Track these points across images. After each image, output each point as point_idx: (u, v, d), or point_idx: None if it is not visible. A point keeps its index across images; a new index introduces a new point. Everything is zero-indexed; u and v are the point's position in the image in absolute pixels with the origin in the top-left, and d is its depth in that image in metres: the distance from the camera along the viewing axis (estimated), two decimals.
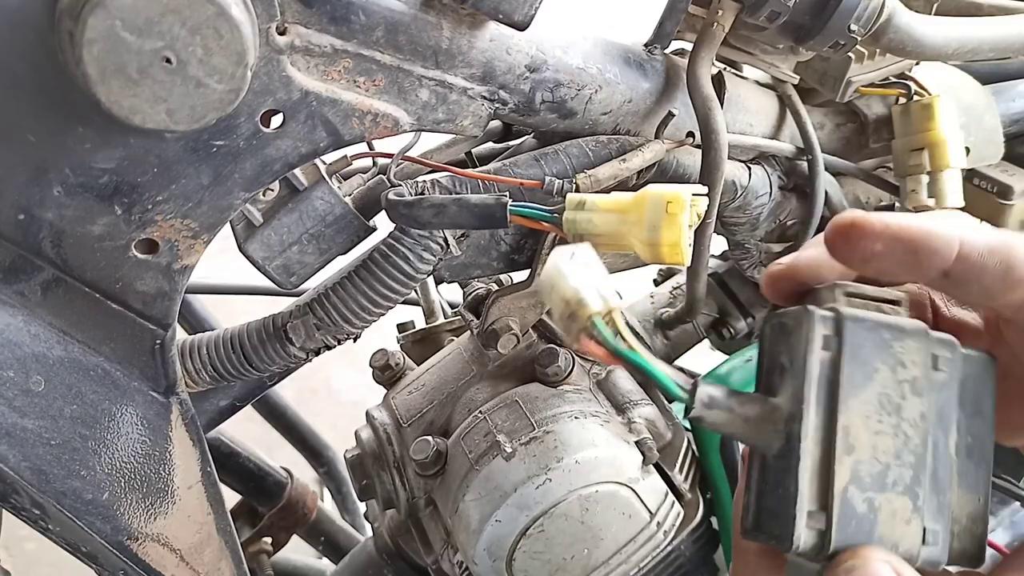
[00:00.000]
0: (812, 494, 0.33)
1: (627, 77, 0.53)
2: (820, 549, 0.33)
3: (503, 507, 0.53)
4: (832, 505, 0.33)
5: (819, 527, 0.33)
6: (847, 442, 0.33)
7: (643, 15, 0.65)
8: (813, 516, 0.33)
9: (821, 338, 0.34)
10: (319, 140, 0.44)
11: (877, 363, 0.34)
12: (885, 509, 0.33)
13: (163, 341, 0.48)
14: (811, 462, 0.33)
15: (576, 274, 0.34)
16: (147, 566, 0.50)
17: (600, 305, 0.33)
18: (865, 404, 0.34)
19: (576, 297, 0.33)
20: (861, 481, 0.33)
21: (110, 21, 0.34)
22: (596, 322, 0.33)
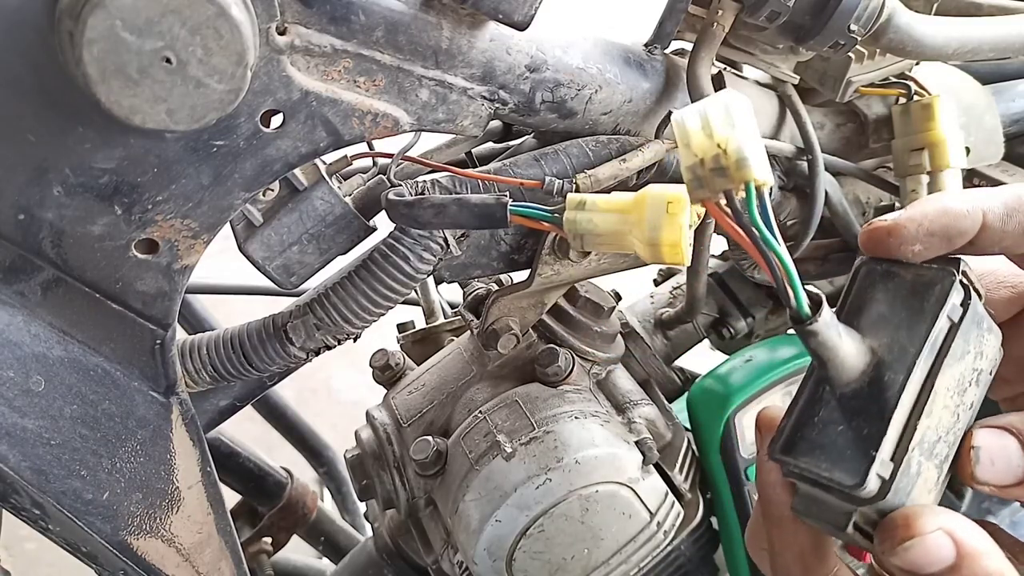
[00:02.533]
0: (892, 443, 0.34)
1: (627, 77, 0.53)
2: (873, 497, 0.34)
3: (503, 507, 0.53)
4: (901, 459, 0.34)
5: (884, 476, 0.33)
6: (929, 408, 0.35)
7: (643, 15, 0.66)
8: (884, 464, 0.33)
9: (952, 305, 0.36)
10: (319, 140, 0.44)
11: (971, 346, 0.36)
12: (923, 476, 0.35)
13: (163, 341, 0.48)
14: (902, 414, 0.34)
15: (746, 126, 0.30)
16: (147, 566, 0.50)
17: (764, 174, 0.30)
18: (951, 379, 0.36)
19: (739, 153, 0.29)
20: (923, 445, 0.35)
21: (110, 21, 0.34)
22: (751, 189, 0.30)
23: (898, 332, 0.36)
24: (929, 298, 0.36)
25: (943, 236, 0.37)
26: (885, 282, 0.38)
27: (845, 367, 0.35)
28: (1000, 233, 0.37)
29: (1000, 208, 0.37)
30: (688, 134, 0.31)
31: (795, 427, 0.37)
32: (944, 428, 0.36)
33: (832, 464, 0.34)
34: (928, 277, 0.37)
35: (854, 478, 0.33)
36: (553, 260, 0.55)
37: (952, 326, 0.36)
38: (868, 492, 0.33)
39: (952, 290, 0.36)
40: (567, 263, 0.55)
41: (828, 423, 0.36)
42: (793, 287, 0.33)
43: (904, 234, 0.37)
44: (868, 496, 0.34)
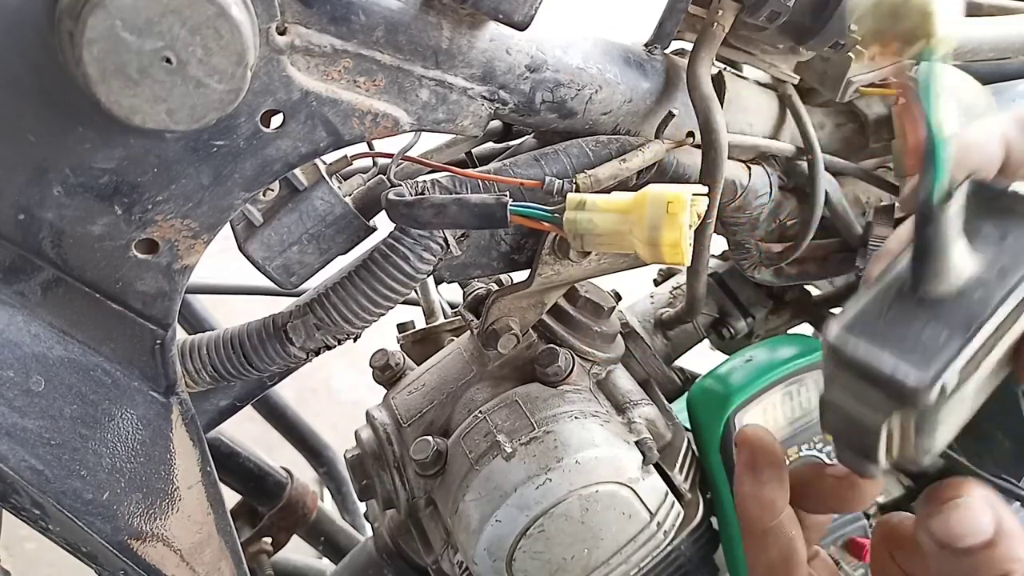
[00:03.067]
0: (967, 359, 0.31)
1: (627, 77, 0.53)
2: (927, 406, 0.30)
3: (503, 507, 0.53)
4: (965, 380, 0.31)
5: (948, 388, 0.31)
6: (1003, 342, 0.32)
7: (643, 15, 0.66)
8: (954, 375, 0.31)
9: None
10: (319, 140, 0.44)
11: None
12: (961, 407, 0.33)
13: (163, 341, 0.48)
14: (986, 334, 0.32)
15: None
16: (147, 566, 0.50)
17: (949, 40, 0.29)
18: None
19: (926, 8, 0.28)
20: (980, 376, 0.32)
21: (110, 21, 0.34)
22: (931, 51, 0.28)
23: (1001, 254, 0.33)
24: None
25: (970, 170, 0.35)
26: (996, 202, 0.35)
27: (946, 269, 0.32)
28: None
29: (1016, 128, 0.36)
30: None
31: (862, 313, 0.33)
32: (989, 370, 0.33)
33: (898, 359, 0.31)
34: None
35: (922, 378, 0.30)
36: (553, 260, 0.55)
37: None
38: (929, 398, 0.30)
39: None
40: (567, 263, 0.55)
41: (902, 317, 0.33)
42: (937, 163, 0.31)
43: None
44: (928, 402, 0.30)
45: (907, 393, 0.31)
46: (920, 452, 0.32)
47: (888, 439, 0.32)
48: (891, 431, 0.32)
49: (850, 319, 0.33)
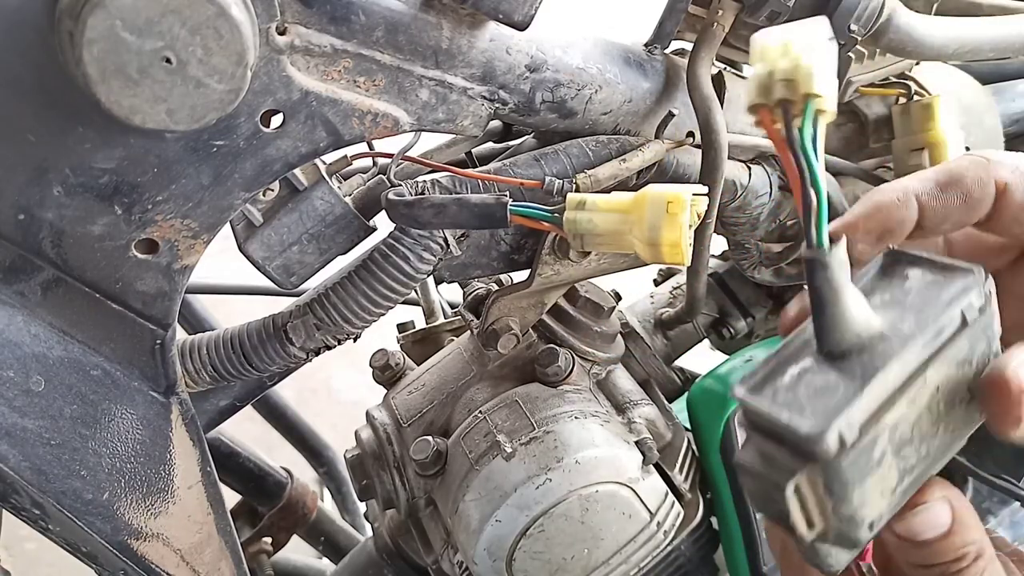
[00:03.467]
0: (865, 410, 0.32)
1: (627, 77, 0.53)
2: (828, 458, 0.31)
3: (503, 507, 0.53)
4: (867, 432, 0.32)
5: (847, 440, 0.31)
6: (911, 396, 0.33)
7: (643, 15, 0.65)
8: (850, 427, 0.31)
9: (968, 304, 0.34)
10: (319, 140, 0.44)
11: (974, 358, 0.35)
12: (882, 471, 0.33)
13: (163, 341, 0.48)
14: (885, 384, 0.32)
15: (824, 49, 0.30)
16: (147, 566, 0.50)
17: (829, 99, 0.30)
18: (944, 379, 0.34)
19: (810, 70, 0.30)
20: (894, 434, 0.33)
21: (110, 21, 0.34)
22: (810, 106, 0.30)
23: (907, 313, 0.34)
24: (949, 290, 0.35)
25: (884, 230, 0.37)
26: (908, 269, 0.37)
27: (842, 319, 0.33)
28: (942, 211, 0.38)
29: (932, 187, 0.38)
30: (765, 49, 0.31)
31: (768, 373, 0.34)
32: (920, 433, 0.34)
33: (795, 413, 0.32)
34: (954, 272, 0.35)
35: (814, 428, 0.31)
36: (553, 260, 0.55)
37: (963, 324, 0.34)
38: (824, 449, 0.31)
39: (973, 287, 0.34)
40: (567, 263, 0.55)
41: (804, 375, 0.34)
42: (820, 213, 0.32)
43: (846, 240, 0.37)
44: (824, 453, 0.31)
45: (801, 443, 0.31)
46: (840, 519, 0.33)
47: (803, 504, 0.33)
48: (803, 496, 0.32)
49: (758, 378, 0.34)
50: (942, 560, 0.36)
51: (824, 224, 0.32)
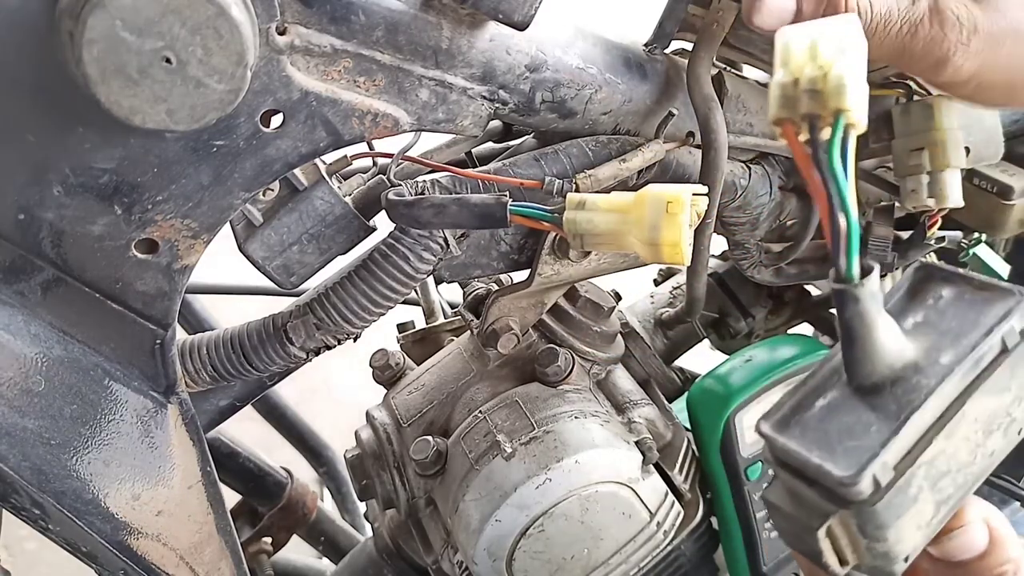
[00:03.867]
0: (900, 450, 0.30)
1: (627, 77, 0.53)
2: (862, 500, 0.29)
3: (503, 507, 0.53)
4: (903, 472, 0.30)
5: (881, 481, 0.29)
6: (951, 429, 0.31)
7: (643, 15, 0.65)
8: (885, 468, 0.29)
9: (1010, 328, 0.32)
10: (319, 140, 0.44)
11: (1014, 384, 0.33)
12: (919, 506, 0.31)
13: (163, 341, 0.48)
14: (921, 422, 0.30)
15: (856, 58, 0.27)
16: (147, 565, 0.50)
17: (860, 112, 0.27)
18: (983, 409, 0.32)
19: (840, 80, 0.27)
20: (931, 469, 0.31)
21: (110, 21, 0.34)
22: (841, 121, 0.27)
23: (942, 339, 0.32)
24: (987, 313, 0.32)
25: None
26: (942, 287, 0.34)
27: (874, 352, 0.31)
28: None
29: None
30: (790, 52, 0.28)
31: (795, 407, 0.32)
32: (957, 464, 0.32)
33: (826, 453, 0.30)
34: (992, 293, 0.33)
35: (847, 471, 0.29)
36: (553, 260, 0.55)
37: (1003, 351, 0.32)
38: (859, 492, 0.29)
39: (1016, 312, 0.32)
40: (567, 263, 0.55)
41: (834, 410, 0.32)
42: (850, 242, 0.29)
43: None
44: (858, 497, 0.29)
45: (834, 487, 0.30)
46: (875, 556, 0.31)
47: (835, 544, 0.31)
48: (835, 536, 0.31)
49: (783, 414, 0.32)
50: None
51: (855, 253, 0.29)
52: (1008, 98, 0.50)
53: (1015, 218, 0.70)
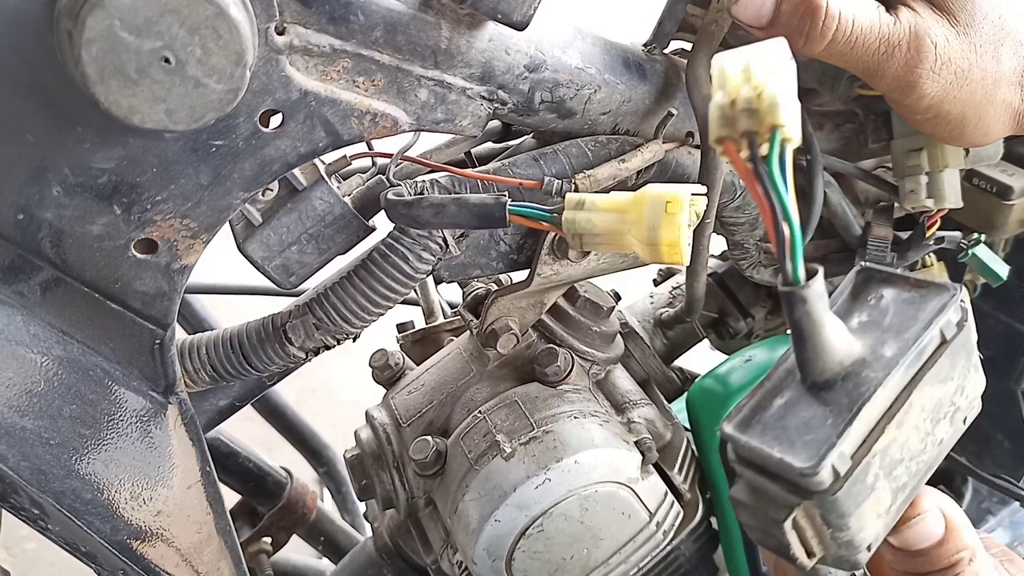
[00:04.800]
0: (855, 439, 0.32)
1: (626, 77, 0.53)
2: (823, 490, 0.31)
3: (502, 507, 0.53)
4: (860, 460, 0.32)
5: (840, 470, 0.31)
6: (901, 418, 0.33)
7: (643, 15, 0.65)
8: (842, 458, 0.32)
9: (947, 321, 0.34)
10: (318, 140, 0.44)
11: (955, 374, 0.35)
12: (876, 494, 0.33)
13: (162, 341, 0.48)
14: (873, 412, 0.33)
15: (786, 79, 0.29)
16: (146, 565, 0.50)
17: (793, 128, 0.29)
18: (929, 398, 0.34)
19: (773, 99, 0.29)
20: (885, 458, 0.33)
21: (109, 21, 0.34)
22: (777, 136, 0.29)
23: (886, 335, 0.35)
24: (925, 308, 0.35)
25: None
26: (882, 288, 0.37)
27: (824, 350, 0.33)
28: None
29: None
30: (726, 76, 0.30)
31: (755, 408, 0.35)
32: (909, 452, 0.34)
33: (786, 447, 0.32)
34: (928, 290, 0.36)
35: (807, 462, 0.31)
36: (552, 260, 0.55)
37: (943, 342, 0.35)
38: (820, 482, 0.31)
39: (950, 305, 0.35)
40: (566, 263, 0.55)
41: (791, 408, 0.34)
42: (794, 247, 0.31)
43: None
44: (819, 487, 0.31)
45: (795, 479, 0.31)
46: (840, 545, 0.33)
47: (801, 535, 0.33)
48: (801, 527, 0.33)
49: (743, 415, 0.34)
50: (937, 567, 0.37)
51: (799, 258, 0.32)
52: (956, 134, 0.51)
53: (1015, 218, 0.70)
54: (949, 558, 0.37)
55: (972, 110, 0.49)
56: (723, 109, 0.30)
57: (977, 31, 0.47)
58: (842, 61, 0.47)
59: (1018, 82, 0.50)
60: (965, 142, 0.53)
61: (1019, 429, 0.79)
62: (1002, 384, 0.78)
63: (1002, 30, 0.48)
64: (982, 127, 0.51)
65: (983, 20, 0.48)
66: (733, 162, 0.31)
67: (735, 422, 0.34)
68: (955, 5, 0.47)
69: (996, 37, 0.48)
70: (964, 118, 0.50)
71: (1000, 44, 0.48)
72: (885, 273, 0.37)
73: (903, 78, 0.47)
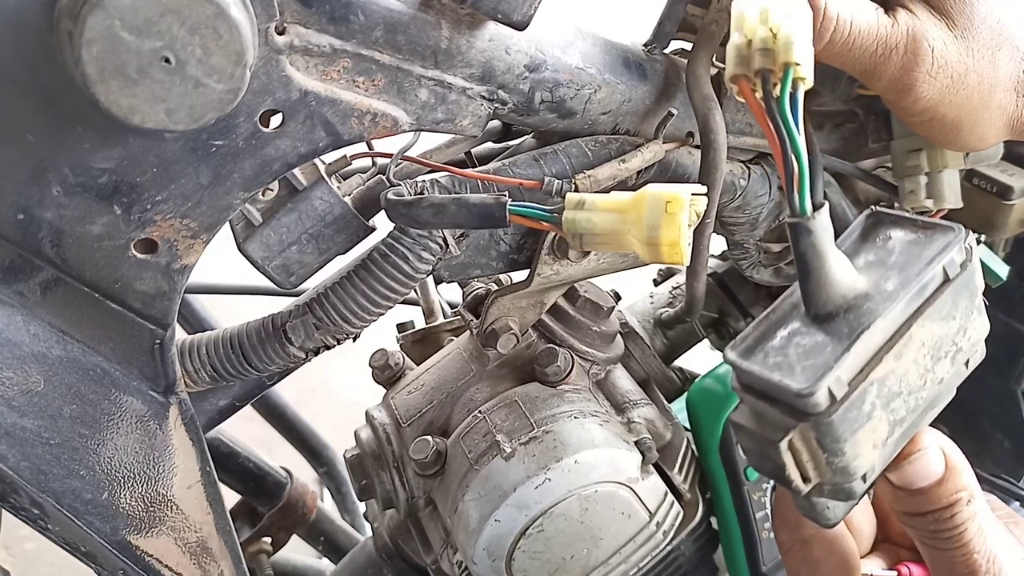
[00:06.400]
0: (853, 366, 0.33)
1: (626, 77, 0.53)
2: (819, 412, 0.32)
3: (502, 507, 0.53)
4: (856, 387, 0.33)
5: (836, 394, 0.32)
6: (900, 350, 0.34)
7: (643, 15, 0.65)
8: (839, 383, 0.32)
9: (950, 259, 0.35)
10: (318, 140, 0.44)
11: (958, 314, 0.36)
12: (873, 423, 0.34)
13: (162, 341, 0.48)
14: (872, 341, 0.33)
15: (802, 23, 0.30)
16: (146, 565, 0.50)
17: (807, 66, 0.30)
18: (929, 334, 0.35)
19: (788, 39, 0.30)
20: (882, 387, 0.34)
21: (109, 21, 0.34)
22: (789, 74, 0.30)
23: (890, 271, 0.35)
24: (930, 247, 0.36)
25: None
26: (891, 229, 0.38)
27: (827, 282, 0.34)
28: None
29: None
30: (743, 17, 0.31)
31: (759, 337, 0.36)
32: (908, 386, 0.35)
33: (785, 372, 0.33)
34: (935, 230, 0.36)
35: (804, 385, 0.32)
36: (552, 260, 0.55)
37: (945, 280, 0.35)
38: (815, 404, 0.32)
39: (954, 244, 0.35)
40: (566, 263, 0.55)
41: (793, 337, 0.35)
42: (802, 180, 0.32)
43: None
44: (814, 409, 0.32)
45: (793, 401, 0.32)
46: (835, 471, 0.34)
47: (797, 459, 0.34)
48: (797, 450, 0.34)
49: (748, 344, 0.35)
50: (937, 507, 0.38)
51: (807, 190, 0.33)
52: (951, 138, 0.52)
53: (1015, 218, 0.70)
54: (948, 497, 0.37)
55: (967, 114, 0.50)
56: (739, 49, 0.31)
57: (975, 35, 0.47)
58: (839, 62, 0.47)
59: (1014, 87, 0.50)
60: (960, 146, 0.53)
61: (1019, 429, 0.79)
62: (1002, 384, 0.78)
63: (1000, 35, 0.48)
64: (977, 131, 0.51)
65: (981, 24, 0.48)
66: (747, 100, 0.32)
67: (739, 350, 0.35)
68: (953, 9, 0.47)
69: (994, 41, 0.48)
70: (959, 122, 0.50)
71: (998, 49, 0.48)
72: (894, 215, 0.38)
73: (900, 80, 0.47)
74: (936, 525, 0.38)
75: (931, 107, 0.49)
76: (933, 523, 0.38)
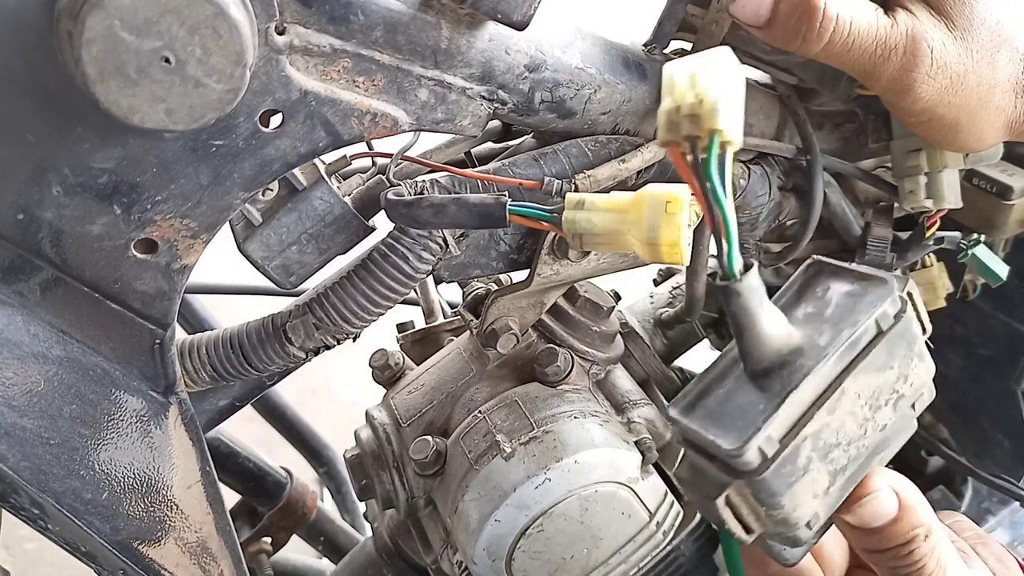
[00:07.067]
0: (783, 424, 0.34)
1: (626, 77, 0.53)
2: (750, 471, 0.33)
3: (502, 507, 0.53)
4: (788, 444, 0.34)
5: (767, 453, 0.33)
6: (833, 404, 0.35)
7: (643, 15, 0.65)
8: (769, 441, 0.33)
9: (883, 312, 0.36)
10: (318, 140, 0.44)
11: (895, 363, 0.36)
12: (811, 475, 0.35)
13: (162, 341, 0.48)
14: (802, 399, 0.34)
15: (730, 82, 0.31)
16: (146, 565, 0.50)
17: (733, 132, 0.31)
18: (864, 386, 0.35)
19: (713, 105, 0.30)
20: (817, 441, 0.35)
21: (109, 21, 0.34)
22: (715, 141, 0.31)
23: (824, 325, 0.36)
24: (864, 300, 0.36)
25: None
26: (830, 280, 0.38)
27: (761, 340, 0.35)
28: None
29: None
30: (673, 82, 0.32)
31: (699, 394, 0.37)
32: (847, 436, 0.35)
33: (719, 430, 0.34)
34: (870, 283, 0.37)
35: (734, 444, 0.33)
36: (552, 260, 0.55)
37: (879, 333, 0.36)
38: (746, 463, 0.33)
39: (887, 297, 0.36)
40: (566, 263, 0.55)
41: (731, 394, 0.36)
42: (729, 243, 0.33)
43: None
44: (745, 467, 0.33)
45: (726, 461, 0.33)
46: (776, 523, 0.35)
47: (736, 512, 0.35)
48: (735, 504, 0.35)
49: (689, 400, 0.37)
50: (894, 544, 0.39)
51: (734, 255, 0.33)
52: (950, 138, 0.52)
53: (1015, 218, 0.70)
54: (904, 535, 0.38)
55: (966, 115, 0.50)
56: (669, 114, 0.31)
57: (974, 36, 0.48)
58: (838, 62, 0.47)
59: (1012, 88, 0.50)
60: (958, 147, 0.54)
61: (1019, 429, 0.79)
62: (1002, 384, 0.78)
63: (999, 36, 0.48)
64: (975, 132, 0.51)
65: (981, 25, 0.48)
66: (677, 165, 0.32)
67: (680, 406, 0.36)
68: (953, 9, 0.47)
69: (993, 43, 0.48)
70: (958, 123, 0.50)
71: (997, 50, 0.48)
72: (834, 266, 0.39)
73: (898, 81, 0.47)
74: (895, 561, 0.39)
75: (930, 108, 0.49)
76: (892, 559, 0.39)
